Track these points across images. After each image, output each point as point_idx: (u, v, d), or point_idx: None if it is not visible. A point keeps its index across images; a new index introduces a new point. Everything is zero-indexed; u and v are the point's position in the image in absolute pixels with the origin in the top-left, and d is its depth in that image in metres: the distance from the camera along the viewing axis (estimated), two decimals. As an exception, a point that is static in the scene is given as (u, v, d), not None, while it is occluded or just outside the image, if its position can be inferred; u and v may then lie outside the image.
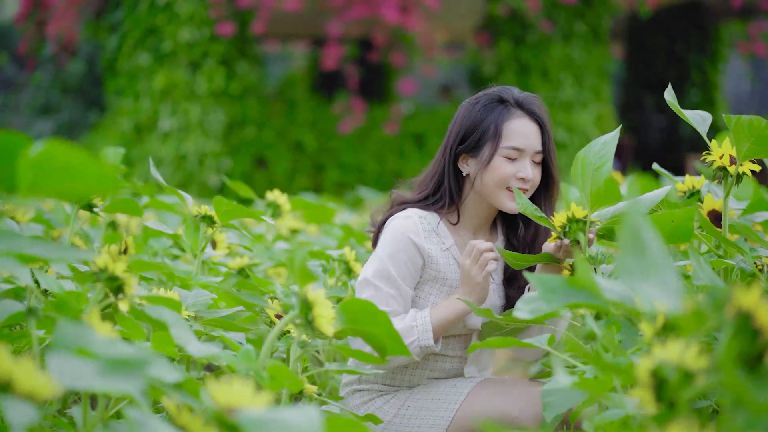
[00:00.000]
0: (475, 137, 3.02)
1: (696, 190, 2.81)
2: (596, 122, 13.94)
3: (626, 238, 1.41)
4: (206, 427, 1.62)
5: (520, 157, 2.99)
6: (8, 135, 1.58)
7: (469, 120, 3.04)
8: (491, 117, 3.01)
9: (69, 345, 1.60)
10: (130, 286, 2.05)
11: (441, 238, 3.03)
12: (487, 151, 2.99)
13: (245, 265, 3.48)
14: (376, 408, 3.03)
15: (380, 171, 13.64)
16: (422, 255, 2.97)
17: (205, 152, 12.99)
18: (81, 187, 1.59)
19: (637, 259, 1.40)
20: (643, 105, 17.96)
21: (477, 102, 3.06)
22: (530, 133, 3.01)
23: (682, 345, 1.54)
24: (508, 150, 2.98)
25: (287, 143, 13.68)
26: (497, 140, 2.98)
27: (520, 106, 3.03)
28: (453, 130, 3.08)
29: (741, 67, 18.45)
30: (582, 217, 2.64)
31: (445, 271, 3.01)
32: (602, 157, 2.60)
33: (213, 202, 2.97)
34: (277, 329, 2.09)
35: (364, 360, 2.37)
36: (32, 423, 1.37)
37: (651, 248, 1.41)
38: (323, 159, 13.76)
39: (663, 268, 1.40)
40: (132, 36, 13.45)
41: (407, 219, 3.02)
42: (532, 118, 3.03)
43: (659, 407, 1.54)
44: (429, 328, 2.91)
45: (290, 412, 1.52)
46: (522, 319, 2.11)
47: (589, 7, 13.92)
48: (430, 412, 2.99)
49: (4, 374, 1.43)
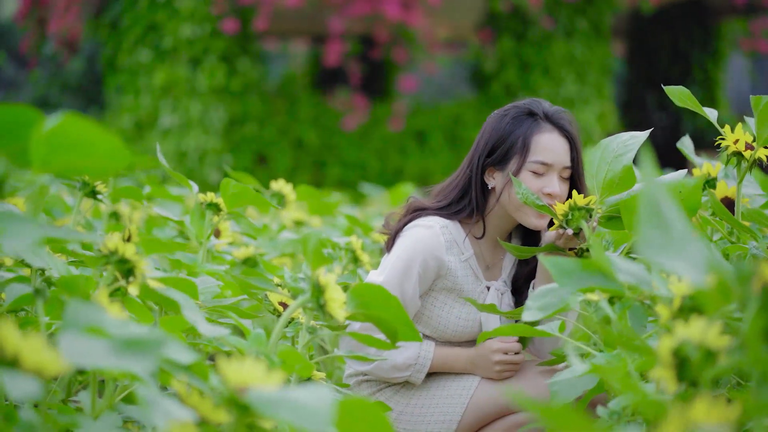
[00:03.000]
0: (503, 150, 2.96)
1: (712, 177, 2.78)
2: (598, 119, 13.91)
3: (646, 212, 1.38)
4: (216, 408, 1.59)
5: (548, 172, 2.93)
6: (22, 109, 1.55)
7: (498, 132, 2.99)
8: (520, 130, 2.95)
9: (80, 324, 1.57)
10: (140, 268, 2.02)
11: (461, 248, 2.99)
12: (515, 164, 2.94)
13: (251, 255, 3.45)
14: (384, 399, 3.00)
15: (382, 168, 13.61)
16: (439, 268, 2.94)
17: (206, 149, 12.96)
18: (94, 161, 1.57)
19: (660, 233, 1.37)
20: (645, 103, 17.94)
21: (506, 114, 3.01)
22: (559, 147, 2.95)
23: (704, 323, 1.51)
24: (536, 165, 2.92)
25: (288, 140, 13.65)
26: (525, 154, 2.93)
27: (550, 120, 2.97)
28: (481, 141, 3.02)
29: (742, 64, 18.43)
30: (584, 205, 2.61)
31: (462, 283, 2.98)
32: (627, 146, 2.57)
33: (220, 185, 2.93)
34: (289, 311, 2.06)
35: (373, 345, 2.33)
36: (34, 397, 1.34)
37: (673, 221, 1.38)
38: (324, 156, 13.73)
39: (687, 241, 1.37)
40: (132, 32, 13.40)
41: (429, 229, 2.97)
42: (562, 133, 2.97)
43: (681, 387, 1.52)
44: (425, 370, 2.92)
45: (302, 392, 1.49)
46: (531, 321, 2.08)
47: (591, 3, 13.89)
48: (444, 400, 2.96)
49: (10, 349, 1.40)
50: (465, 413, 2.93)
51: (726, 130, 2.58)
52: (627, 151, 2.55)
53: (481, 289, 3.02)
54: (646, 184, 1.39)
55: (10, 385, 1.30)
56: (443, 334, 2.99)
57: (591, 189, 2.63)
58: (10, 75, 21.84)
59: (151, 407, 1.46)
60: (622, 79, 18.96)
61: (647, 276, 1.76)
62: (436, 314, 2.98)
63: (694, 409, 1.23)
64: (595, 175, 2.59)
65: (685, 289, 1.74)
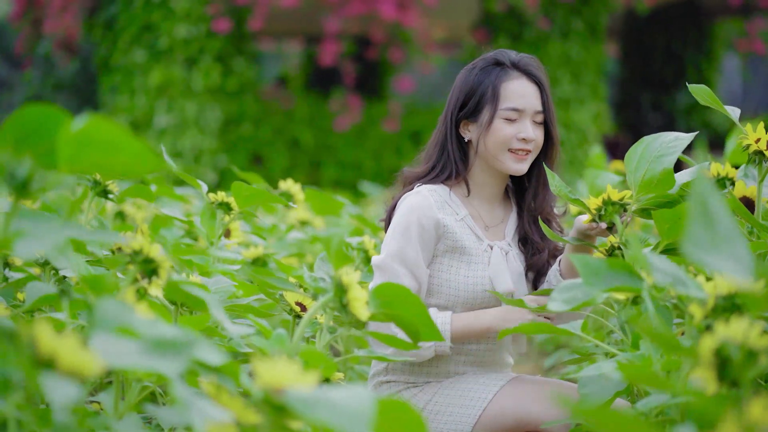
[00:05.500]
0: (474, 101, 2.99)
1: (727, 176, 2.75)
2: (594, 120, 13.92)
3: (695, 209, 1.36)
4: (246, 408, 1.57)
5: (520, 118, 2.96)
6: (49, 109, 1.54)
7: (467, 85, 3.02)
8: (488, 80, 2.98)
9: (111, 324, 1.55)
10: (164, 269, 2.00)
11: (454, 209, 2.99)
12: (487, 114, 2.97)
13: (260, 255, 3.42)
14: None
15: (378, 168, 13.61)
16: (436, 227, 2.93)
17: (202, 149, 12.94)
18: (122, 162, 1.55)
19: (707, 231, 1.35)
20: (640, 103, 17.96)
21: (474, 67, 3.04)
22: (529, 93, 2.98)
23: (746, 323, 1.49)
24: (508, 111, 2.95)
25: (284, 140, 13.64)
26: (496, 102, 2.96)
27: (517, 67, 3.00)
28: (452, 96, 3.06)
29: (735, 65, 18.46)
30: (618, 200, 2.59)
31: (463, 240, 2.96)
32: (671, 148, 2.54)
33: (232, 188, 2.92)
34: (313, 310, 2.04)
35: (393, 345, 2.31)
36: (75, 401, 1.33)
37: (721, 220, 1.36)
38: (320, 156, 13.73)
39: (734, 240, 1.35)
40: (128, 32, 13.37)
41: (417, 194, 2.97)
42: (530, 79, 3.00)
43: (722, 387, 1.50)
44: (447, 335, 2.87)
45: (340, 392, 1.47)
46: (556, 311, 2.07)
47: (587, 4, 13.89)
48: (458, 409, 2.92)
49: (47, 351, 1.38)
50: (479, 420, 2.89)
51: (748, 129, 2.56)
52: (669, 152, 2.53)
53: (484, 248, 3.00)
54: (696, 182, 1.37)
55: (51, 389, 1.28)
56: (456, 300, 2.95)
57: (629, 184, 2.61)
58: (2, 75, 21.79)
59: (188, 408, 1.43)
60: (616, 80, 18.98)
61: (683, 276, 1.75)
62: (444, 279, 2.95)
63: (751, 410, 1.21)
64: (634, 171, 2.57)
65: (722, 288, 1.72)
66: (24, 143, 1.57)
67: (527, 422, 2.83)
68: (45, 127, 1.55)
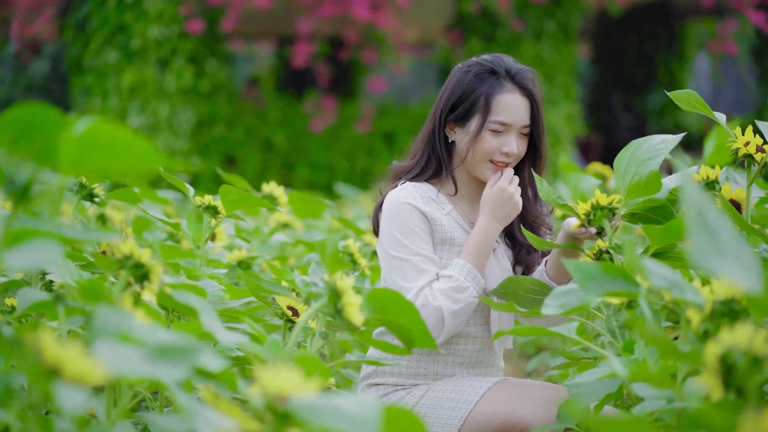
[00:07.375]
0: (464, 107, 2.99)
1: (712, 180, 2.76)
2: (566, 121, 13.94)
3: (694, 218, 1.36)
4: (246, 416, 1.56)
5: (507, 132, 2.97)
6: (41, 109, 1.52)
7: (460, 88, 3.01)
8: (482, 89, 2.97)
9: (111, 331, 1.54)
10: (156, 273, 1.98)
11: (439, 204, 3.01)
12: (475, 122, 2.98)
13: (245, 258, 3.41)
14: (393, 403, 2.95)
15: (350, 169, 13.61)
16: (425, 218, 2.94)
17: (174, 151, 12.89)
18: (125, 164, 1.53)
19: (710, 239, 1.35)
20: (612, 104, 18.02)
21: (469, 71, 3.02)
22: (519, 107, 2.98)
23: (750, 329, 1.50)
24: (496, 124, 2.96)
25: (257, 142, 13.61)
26: (486, 113, 2.96)
27: (512, 80, 2.99)
28: (444, 95, 3.05)
29: (706, 66, 18.53)
30: (606, 204, 2.59)
31: (452, 232, 2.98)
32: (657, 150, 2.55)
33: (219, 191, 2.90)
34: (307, 316, 2.03)
35: (388, 351, 2.31)
36: (83, 408, 1.32)
37: (721, 228, 1.37)
38: (293, 157, 13.70)
39: (738, 247, 1.35)
40: (100, 33, 13.29)
41: (402, 190, 2.99)
42: (523, 93, 2.99)
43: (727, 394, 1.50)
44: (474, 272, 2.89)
45: (345, 400, 1.46)
46: (549, 315, 2.08)
47: (559, 5, 13.92)
48: (444, 411, 2.91)
49: (52, 359, 1.37)
50: (465, 422, 2.89)
51: (737, 132, 2.57)
52: (656, 155, 2.54)
53: None
54: (687, 193, 1.38)
55: (61, 396, 1.27)
56: None
57: (618, 189, 2.61)
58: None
59: (193, 416, 1.42)
60: (588, 81, 19.03)
61: (680, 280, 1.75)
62: None
63: (765, 419, 1.21)
64: (622, 175, 2.57)
65: (720, 293, 1.73)
66: (19, 143, 1.54)
67: (515, 424, 2.82)
68: (38, 126, 1.53)
